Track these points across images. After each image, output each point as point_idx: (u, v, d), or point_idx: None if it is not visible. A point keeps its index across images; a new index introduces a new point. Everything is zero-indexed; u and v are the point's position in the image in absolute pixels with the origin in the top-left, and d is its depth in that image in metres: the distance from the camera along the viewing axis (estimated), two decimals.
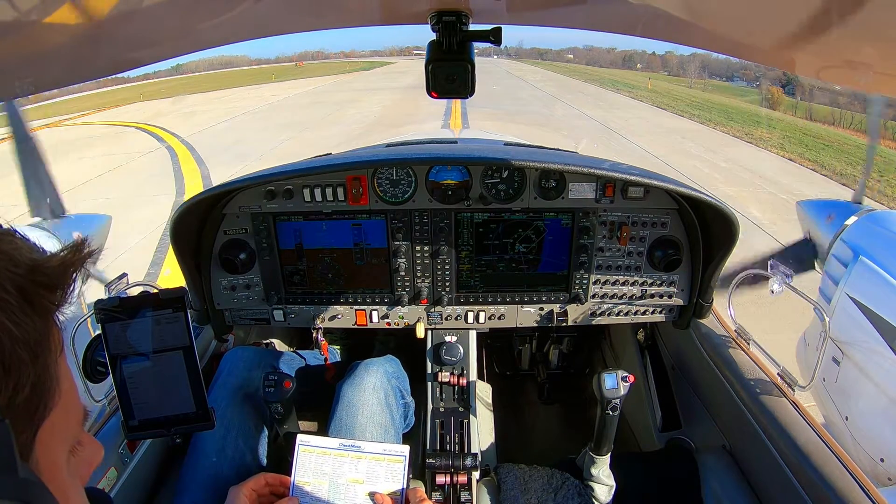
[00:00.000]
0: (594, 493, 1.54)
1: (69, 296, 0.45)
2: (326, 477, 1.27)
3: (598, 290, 1.85)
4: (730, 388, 1.60)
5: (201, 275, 1.76)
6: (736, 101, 26.89)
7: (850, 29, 0.60)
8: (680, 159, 11.70)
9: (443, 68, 1.06)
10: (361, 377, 1.64)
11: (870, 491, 1.16)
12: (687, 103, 24.08)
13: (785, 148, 14.24)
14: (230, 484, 1.22)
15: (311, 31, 1.19)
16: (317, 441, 1.31)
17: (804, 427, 1.35)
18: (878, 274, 2.28)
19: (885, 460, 2.18)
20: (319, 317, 1.89)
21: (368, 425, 1.55)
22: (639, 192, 1.72)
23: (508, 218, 1.76)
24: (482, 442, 1.81)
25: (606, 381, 1.43)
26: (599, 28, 1.07)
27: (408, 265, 1.81)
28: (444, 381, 1.81)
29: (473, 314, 1.88)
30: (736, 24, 0.78)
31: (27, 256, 0.43)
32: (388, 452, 1.29)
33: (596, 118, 18.00)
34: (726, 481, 1.53)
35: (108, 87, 41.81)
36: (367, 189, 1.73)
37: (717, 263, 1.67)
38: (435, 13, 0.99)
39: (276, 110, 21.02)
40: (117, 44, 0.90)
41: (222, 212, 1.72)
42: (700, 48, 1.05)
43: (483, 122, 14.98)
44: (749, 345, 1.67)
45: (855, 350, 2.35)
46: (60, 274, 0.44)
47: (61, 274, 0.44)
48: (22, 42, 0.70)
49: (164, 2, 0.76)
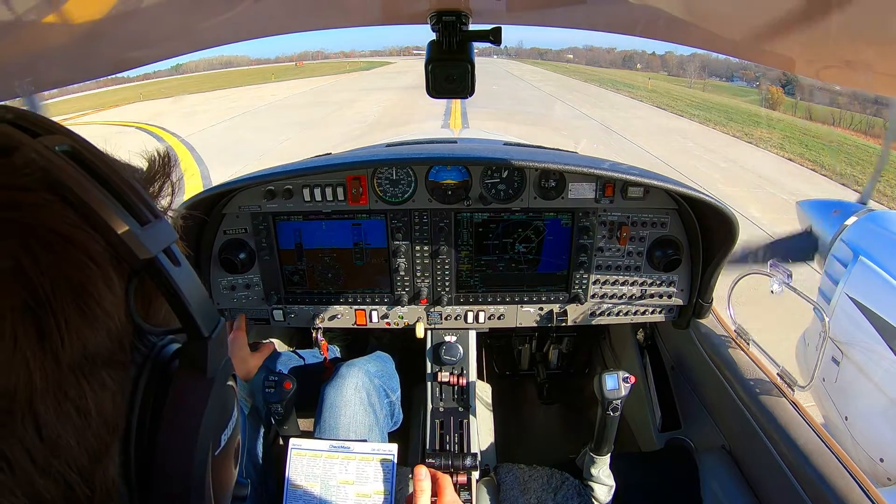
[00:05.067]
0: (594, 493, 1.54)
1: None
2: (318, 479, 1.28)
3: (597, 290, 1.85)
4: (729, 389, 1.60)
5: (201, 275, 1.76)
6: (736, 101, 26.88)
7: (850, 29, 0.60)
8: (680, 159, 11.70)
9: (443, 68, 1.06)
10: (343, 378, 1.65)
11: (869, 491, 1.17)
12: (687, 103, 24.08)
13: (785, 148, 14.25)
14: None
15: (311, 31, 1.19)
16: (308, 444, 1.31)
17: (804, 427, 1.35)
18: (878, 274, 2.29)
19: (884, 460, 2.18)
20: (319, 317, 1.89)
21: (352, 426, 1.55)
22: (638, 192, 1.72)
23: (508, 218, 1.76)
24: (482, 442, 1.82)
25: (607, 381, 1.43)
26: (599, 28, 1.07)
27: (407, 265, 1.81)
28: (443, 381, 1.82)
29: (473, 314, 1.88)
30: (736, 24, 0.78)
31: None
32: (376, 452, 1.30)
33: (595, 118, 18.01)
34: (726, 481, 1.54)
35: (108, 87, 41.76)
36: (367, 189, 1.73)
37: (717, 263, 1.67)
38: (435, 13, 0.99)
39: (275, 110, 21.01)
40: (117, 44, 0.90)
41: (222, 211, 1.72)
42: (700, 48, 1.05)
43: (483, 122, 14.98)
44: (749, 345, 1.67)
45: (854, 350, 2.36)
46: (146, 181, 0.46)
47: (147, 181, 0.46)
48: (22, 42, 0.70)
49: (164, 2, 0.76)
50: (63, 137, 0.36)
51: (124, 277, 0.36)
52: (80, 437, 0.32)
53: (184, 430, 0.37)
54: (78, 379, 0.32)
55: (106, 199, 0.35)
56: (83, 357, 0.32)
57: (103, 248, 0.35)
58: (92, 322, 0.33)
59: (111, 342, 0.35)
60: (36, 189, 0.33)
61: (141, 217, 0.37)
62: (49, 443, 0.31)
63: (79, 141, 0.38)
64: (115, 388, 0.35)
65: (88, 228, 0.34)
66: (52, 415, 0.31)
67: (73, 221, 0.33)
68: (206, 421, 0.39)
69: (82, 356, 0.32)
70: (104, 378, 0.34)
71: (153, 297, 0.40)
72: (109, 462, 0.35)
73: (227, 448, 0.44)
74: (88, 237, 0.34)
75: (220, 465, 0.42)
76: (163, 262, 0.37)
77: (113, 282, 0.35)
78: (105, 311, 0.34)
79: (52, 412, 0.31)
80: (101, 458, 0.34)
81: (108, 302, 0.34)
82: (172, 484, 0.37)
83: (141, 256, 0.36)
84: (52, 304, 0.31)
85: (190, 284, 0.39)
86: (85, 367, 0.33)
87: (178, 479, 0.37)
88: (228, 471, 0.46)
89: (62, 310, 0.31)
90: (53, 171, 0.33)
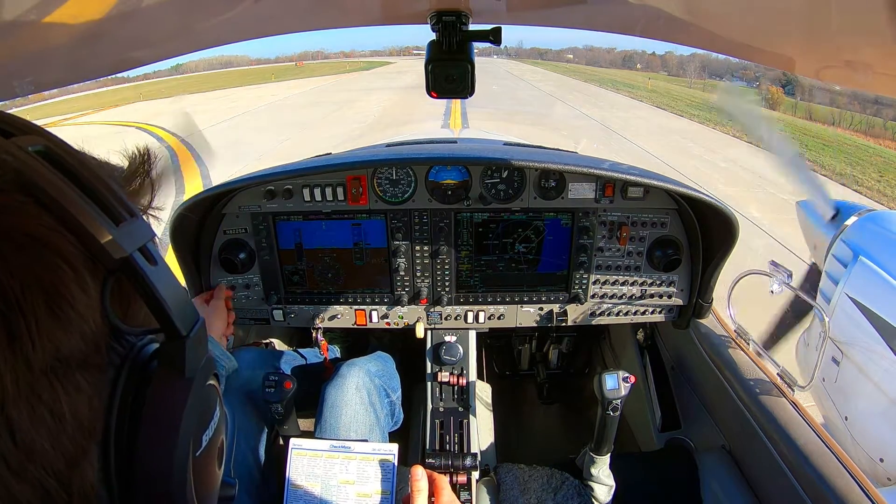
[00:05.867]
0: (594, 493, 1.54)
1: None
2: (318, 479, 1.28)
3: (597, 290, 1.85)
4: (729, 389, 1.60)
5: (201, 274, 1.76)
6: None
7: (850, 29, 0.60)
8: (679, 159, 11.70)
9: (443, 68, 1.06)
10: (344, 378, 1.65)
11: (869, 491, 1.17)
12: (687, 103, 24.09)
13: None
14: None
15: (311, 31, 1.19)
16: (309, 444, 1.31)
17: (804, 427, 1.35)
18: (878, 274, 2.28)
19: (884, 460, 2.18)
20: (319, 317, 1.89)
21: (353, 425, 1.55)
22: (638, 192, 1.72)
23: (508, 218, 1.76)
24: (482, 442, 1.82)
25: (607, 381, 1.43)
26: (599, 28, 1.07)
27: (407, 265, 1.81)
28: (443, 381, 1.81)
29: (473, 314, 1.89)
30: (736, 24, 0.78)
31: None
32: (377, 452, 1.30)
33: (595, 118, 18.01)
34: (726, 481, 1.54)
35: (108, 87, 41.78)
36: (367, 189, 1.73)
37: (717, 263, 1.67)
38: (435, 13, 0.99)
39: (275, 110, 21.01)
40: (117, 44, 0.90)
41: (222, 211, 1.72)
42: (700, 48, 1.05)
43: (483, 122, 14.98)
44: (749, 345, 1.67)
45: (854, 350, 2.35)
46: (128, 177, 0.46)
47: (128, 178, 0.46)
48: (22, 42, 0.70)
49: (164, 2, 0.76)
50: (37, 137, 0.36)
51: (100, 278, 0.36)
52: (56, 441, 0.32)
53: (162, 431, 0.37)
54: (51, 382, 0.32)
55: (79, 199, 0.34)
56: (56, 360, 0.32)
57: (77, 248, 0.34)
58: (64, 324, 0.33)
59: (85, 344, 0.34)
60: (9, 191, 0.32)
61: (115, 216, 0.36)
62: (23, 447, 0.30)
63: (53, 140, 0.37)
64: (90, 391, 0.34)
65: (62, 229, 0.34)
66: (25, 419, 0.30)
67: (46, 223, 0.33)
68: (186, 421, 0.38)
69: (55, 359, 0.32)
70: (79, 381, 0.33)
71: (132, 298, 0.40)
72: (87, 466, 0.34)
73: (210, 448, 0.44)
74: (62, 238, 0.34)
75: (203, 465, 0.42)
76: (138, 261, 0.37)
77: (87, 283, 0.35)
78: (78, 313, 0.34)
79: (26, 416, 0.30)
80: (78, 462, 0.33)
81: (82, 303, 0.34)
82: (153, 486, 0.37)
83: (115, 256, 0.35)
84: (21, 306, 0.30)
85: (167, 283, 0.38)
86: (58, 370, 0.32)
87: (158, 481, 0.37)
88: (212, 471, 0.45)
89: (32, 312, 0.31)
90: (27, 172, 0.33)
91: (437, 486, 1.10)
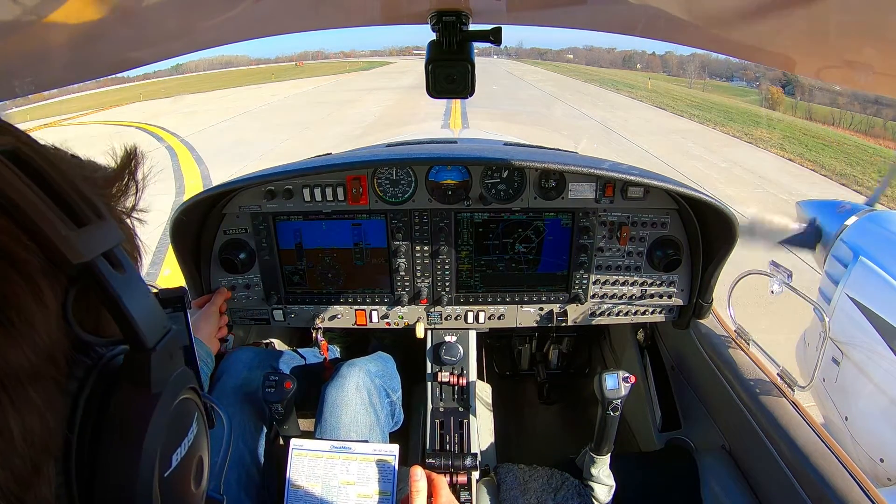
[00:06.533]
0: (594, 493, 1.54)
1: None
2: (319, 480, 1.28)
3: (597, 290, 1.85)
4: (729, 389, 1.60)
5: (201, 274, 1.76)
6: (736, 101, 26.89)
7: (850, 29, 0.60)
8: (679, 159, 11.70)
9: (443, 68, 1.06)
10: (344, 378, 1.64)
11: (869, 491, 1.17)
12: (687, 103, 24.08)
13: (785, 148, 14.25)
14: (229, 485, 1.21)
15: (311, 31, 1.19)
16: (309, 444, 1.31)
17: (804, 427, 1.35)
18: (878, 274, 2.29)
19: (884, 460, 2.18)
20: (319, 317, 1.89)
21: (353, 425, 1.55)
22: (638, 192, 1.72)
23: (508, 218, 1.76)
24: (482, 442, 1.82)
25: (607, 381, 1.43)
26: (599, 28, 1.07)
27: (407, 265, 1.81)
28: (443, 381, 1.81)
29: (473, 314, 1.88)
30: (736, 24, 0.78)
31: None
32: (377, 452, 1.30)
33: (595, 118, 18.01)
34: (726, 481, 1.54)
35: (108, 87, 41.78)
36: (367, 189, 1.73)
37: (717, 263, 1.67)
38: (435, 13, 0.99)
39: (275, 110, 21.01)
40: (117, 44, 0.90)
41: (222, 211, 1.72)
42: (700, 48, 1.05)
43: (483, 122, 14.98)
44: (749, 345, 1.67)
45: (854, 350, 2.36)
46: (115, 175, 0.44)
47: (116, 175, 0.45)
48: (22, 42, 0.70)
49: (164, 2, 0.76)
50: (6, 138, 0.35)
51: (62, 285, 0.34)
52: (4, 459, 0.30)
53: (124, 449, 0.35)
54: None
55: (40, 202, 0.32)
56: (2, 374, 0.30)
57: (35, 254, 0.32)
58: (13, 337, 0.31)
59: (37, 357, 0.32)
60: None
61: (78, 218, 0.34)
62: None
63: (23, 140, 0.36)
64: (43, 406, 0.32)
65: (21, 235, 0.32)
66: None
67: (2, 227, 0.31)
68: (150, 440, 0.36)
69: (1, 373, 0.30)
70: (30, 395, 0.31)
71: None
72: (42, 484, 0.32)
73: (182, 468, 0.41)
74: (18, 245, 0.32)
75: (174, 486, 0.40)
76: (100, 267, 0.35)
77: (42, 291, 0.33)
78: (28, 324, 0.32)
79: None
80: (30, 481, 0.31)
81: (34, 314, 0.32)
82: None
83: (74, 261, 0.33)
84: None
85: (133, 291, 0.36)
86: (6, 384, 0.30)
87: (119, 501, 0.35)
88: (186, 491, 0.43)
89: None
90: None
91: (435, 487, 1.10)
